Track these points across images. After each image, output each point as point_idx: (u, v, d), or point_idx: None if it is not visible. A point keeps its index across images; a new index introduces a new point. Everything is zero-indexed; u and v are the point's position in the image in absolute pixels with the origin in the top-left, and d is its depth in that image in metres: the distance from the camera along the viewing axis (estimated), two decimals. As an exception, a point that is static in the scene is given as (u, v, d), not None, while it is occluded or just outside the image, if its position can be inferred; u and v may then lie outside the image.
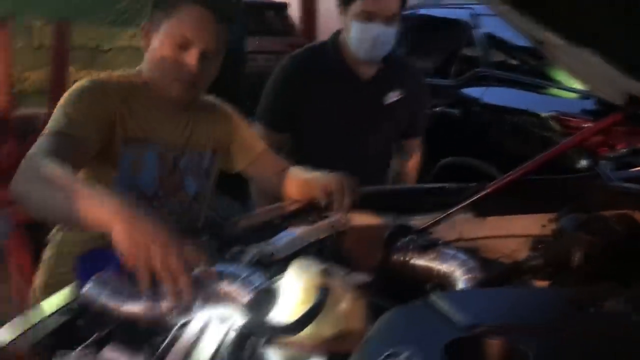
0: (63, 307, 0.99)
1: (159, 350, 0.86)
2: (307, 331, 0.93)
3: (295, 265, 1.03)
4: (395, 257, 1.20)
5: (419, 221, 1.40)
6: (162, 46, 1.33)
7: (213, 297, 0.95)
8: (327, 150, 1.93)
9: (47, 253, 1.49)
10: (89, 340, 0.89)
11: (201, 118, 1.49)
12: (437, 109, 3.68)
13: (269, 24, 7.97)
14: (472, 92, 3.88)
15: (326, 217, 1.46)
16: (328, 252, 1.38)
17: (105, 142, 1.33)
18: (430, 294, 0.89)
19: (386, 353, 0.75)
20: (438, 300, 0.84)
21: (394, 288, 1.10)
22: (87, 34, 3.50)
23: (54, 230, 1.48)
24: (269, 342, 0.92)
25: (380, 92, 2.00)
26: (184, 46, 1.32)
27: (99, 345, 0.88)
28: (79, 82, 1.37)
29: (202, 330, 0.92)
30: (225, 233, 1.37)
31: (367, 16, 1.83)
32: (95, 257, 1.02)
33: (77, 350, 0.87)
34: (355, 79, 1.97)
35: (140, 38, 1.42)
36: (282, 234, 1.36)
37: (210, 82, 1.45)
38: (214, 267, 0.98)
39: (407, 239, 1.21)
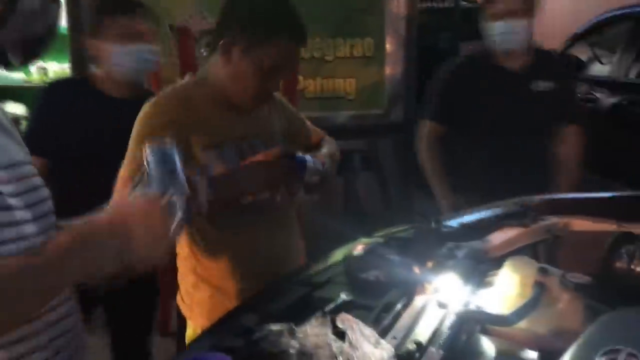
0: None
1: (384, 323, 0.97)
2: (521, 324, 0.97)
3: (512, 261, 1.07)
4: (618, 264, 1.16)
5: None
6: (249, 68, 1.38)
7: None
8: (486, 138, 2.22)
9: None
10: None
11: (264, 111, 1.55)
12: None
13: (480, 30, 7.82)
14: None
15: (542, 220, 1.46)
16: (543, 255, 1.39)
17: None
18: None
19: (605, 349, 0.76)
20: (666, 305, 0.82)
21: (613, 294, 1.07)
22: (313, 45, 3.82)
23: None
24: (484, 330, 0.98)
25: (529, 80, 2.22)
26: (270, 72, 1.39)
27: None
28: (143, 111, 1.40)
29: (422, 311, 1.01)
30: (438, 230, 1.44)
31: (498, 16, 2.14)
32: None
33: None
34: (504, 71, 2.23)
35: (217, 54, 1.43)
36: (496, 233, 1.40)
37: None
38: None
39: (632, 246, 1.16)
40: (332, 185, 3.89)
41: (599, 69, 4.32)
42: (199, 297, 1.50)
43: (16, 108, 3.86)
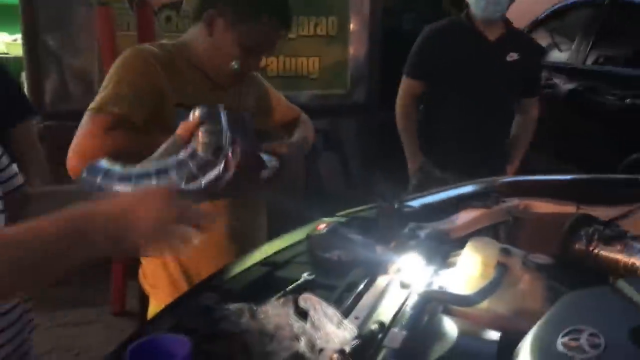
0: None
1: (347, 303, 0.96)
2: (483, 305, 0.97)
3: (474, 242, 1.06)
4: (577, 245, 1.18)
5: (602, 212, 1.35)
6: (232, 44, 1.39)
7: None
8: (459, 97, 2.39)
9: None
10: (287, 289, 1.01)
11: (241, 86, 1.55)
12: (627, 100, 3.41)
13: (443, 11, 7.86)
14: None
15: (503, 202, 1.47)
16: (504, 236, 1.40)
17: (152, 109, 1.36)
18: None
19: (567, 329, 0.77)
20: (626, 286, 0.83)
21: (572, 276, 1.08)
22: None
23: None
24: (446, 310, 0.98)
25: (503, 51, 2.41)
26: (252, 50, 1.40)
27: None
28: (124, 54, 1.40)
29: (384, 291, 1.00)
30: (400, 210, 1.43)
31: None
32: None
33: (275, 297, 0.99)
34: (482, 40, 2.40)
35: (205, 24, 1.42)
36: (458, 214, 1.40)
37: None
38: None
39: (591, 228, 1.18)
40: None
41: (557, 56, 4.40)
42: (164, 275, 1.48)
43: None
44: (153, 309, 1.52)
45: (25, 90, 3.13)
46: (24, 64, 3.32)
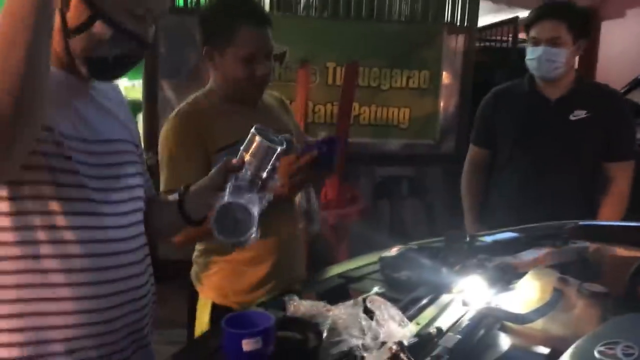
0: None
1: (410, 312, 1.08)
2: (537, 324, 1.05)
3: (535, 270, 1.16)
4: (640, 286, 1.23)
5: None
6: (235, 65, 1.55)
7: None
8: (521, 165, 2.26)
9: None
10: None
11: (267, 110, 1.71)
12: None
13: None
14: None
15: (574, 243, 1.53)
16: (569, 274, 1.45)
17: (204, 161, 1.54)
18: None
19: (605, 341, 0.85)
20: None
21: (628, 304, 1.14)
22: (371, 75, 3.98)
23: None
24: (502, 328, 1.07)
25: (567, 110, 2.22)
26: (252, 60, 1.55)
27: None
28: (166, 126, 1.60)
29: (446, 306, 1.11)
30: (471, 243, 1.53)
31: (534, 42, 2.21)
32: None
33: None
34: (543, 99, 2.26)
35: (206, 62, 1.62)
36: (527, 251, 1.48)
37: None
38: None
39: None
40: (379, 208, 4.01)
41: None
42: (212, 273, 1.65)
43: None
44: (202, 303, 1.68)
45: (141, 130, 3.52)
46: (141, 107, 3.75)
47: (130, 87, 4.56)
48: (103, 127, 1.10)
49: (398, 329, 0.95)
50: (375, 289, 1.22)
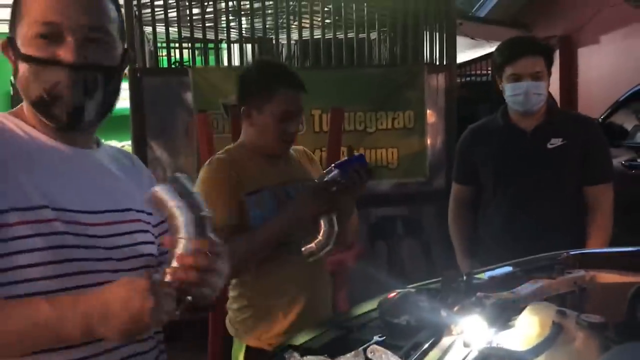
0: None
1: (413, 358, 1.07)
2: (539, 361, 1.05)
3: (533, 305, 1.16)
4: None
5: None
6: (270, 122, 1.75)
7: None
8: (504, 197, 2.30)
9: None
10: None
11: (291, 159, 1.90)
12: None
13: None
14: None
15: (569, 273, 1.54)
16: (569, 305, 1.45)
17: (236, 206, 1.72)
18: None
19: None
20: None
21: (627, 334, 1.14)
22: (356, 119, 4.04)
23: None
24: (504, 366, 1.07)
25: (543, 139, 2.26)
26: (286, 119, 1.75)
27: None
28: (204, 170, 1.77)
29: (448, 349, 1.11)
30: (468, 282, 1.53)
31: (515, 78, 2.23)
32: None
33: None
34: (519, 131, 2.30)
35: (243, 119, 1.82)
36: (525, 285, 1.48)
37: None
38: None
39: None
40: (375, 250, 4.00)
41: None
42: (244, 318, 1.78)
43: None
44: (237, 346, 1.82)
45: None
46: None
47: (119, 148, 4.60)
48: (106, 197, 1.10)
49: (400, 378, 0.95)
50: (376, 338, 1.22)
